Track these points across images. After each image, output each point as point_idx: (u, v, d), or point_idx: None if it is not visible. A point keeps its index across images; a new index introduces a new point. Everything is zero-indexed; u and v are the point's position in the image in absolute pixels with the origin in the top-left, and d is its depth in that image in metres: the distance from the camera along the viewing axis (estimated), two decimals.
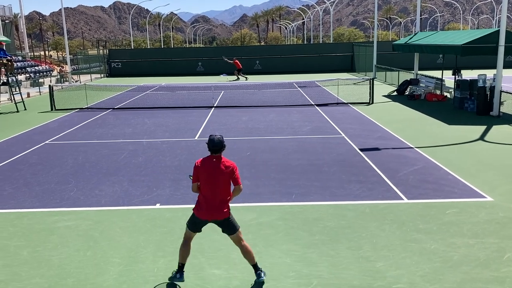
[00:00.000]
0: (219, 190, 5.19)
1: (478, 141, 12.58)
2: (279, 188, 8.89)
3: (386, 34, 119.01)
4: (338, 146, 12.30)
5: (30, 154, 12.18)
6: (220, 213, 5.24)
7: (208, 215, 5.25)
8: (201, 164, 5.27)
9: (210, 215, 5.24)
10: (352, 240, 6.57)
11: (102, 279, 5.63)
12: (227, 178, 5.22)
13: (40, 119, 18.14)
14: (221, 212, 5.24)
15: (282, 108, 19.27)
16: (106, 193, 8.83)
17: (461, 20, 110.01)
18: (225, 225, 5.34)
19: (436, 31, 24.18)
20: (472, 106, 17.17)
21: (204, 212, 5.24)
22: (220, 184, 5.18)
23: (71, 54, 47.95)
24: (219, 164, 5.21)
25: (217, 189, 5.19)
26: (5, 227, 7.29)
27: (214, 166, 5.20)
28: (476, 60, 29.36)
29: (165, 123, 16.39)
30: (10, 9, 44.71)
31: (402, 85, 23.39)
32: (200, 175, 5.24)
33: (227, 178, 5.21)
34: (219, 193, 5.20)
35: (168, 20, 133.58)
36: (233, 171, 5.25)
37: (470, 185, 8.81)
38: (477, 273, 5.57)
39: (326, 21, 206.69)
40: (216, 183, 5.17)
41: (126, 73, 41.68)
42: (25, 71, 34.47)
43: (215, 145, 5.22)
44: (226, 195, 5.27)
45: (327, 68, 40.49)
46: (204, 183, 5.22)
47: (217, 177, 5.17)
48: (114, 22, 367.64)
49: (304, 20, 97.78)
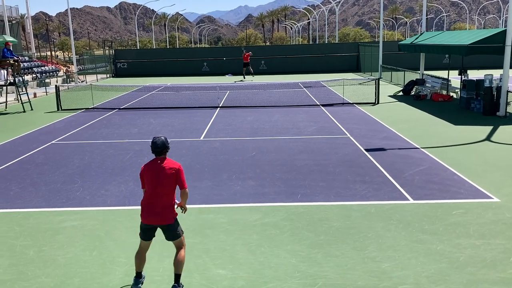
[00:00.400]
0: (162, 193, 5.02)
1: (485, 142, 12.51)
2: (284, 188, 8.88)
3: (392, 34, 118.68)
4: (344, 146, 12.28)
5: (37, 154, 12.25)
6: (163, 218, 5.06)
7: (150, 219, 5.08)
8: (146, 168, 5.12)
9: (152, 219, 5.07)
10: (357, 240, 6.56)
11: (108, 278, 5.65)
12: (172, 181, 5.05)
13: (46, 119, 18.24)
14: (164, 217, 5.06)
15: (288, 108, 19.26)
16: (112, 193, 8.86)
17: (467, 20, 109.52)
18: (167, 231, 5.16)
19: (442, 31, 24.08)
20: (479, 106, 17.08)
21: (146, 215, 5.07)
22: (163, 186, 5.01)
23: (77, 54, 48.17)
24: (164, 166, 5.06)
25: (160, 192, 5.01)
26: (11, 227, 7.33)
27: (158, 168, 5.05)
28: (482, 60, 29.19)
29: (171, 123, 16.42)
30: (17, 9, 44.98)
31: (408, 85, 23.31)
32: (145, 179, 5.09)
33: (172, 181, 5.04)
34: (162, 197, 5.02)
35: (174, 20, 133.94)
36: (178, 173, 5.07)
37: (476, 186, 8.77)
38: (484, 274, 5.54)
39: (332, 21, 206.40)
40: (160, 185, 5.00)
41: (132, 73, 41.80)
42: (31, 72, 34.66)
43: (157, 147, 5.07)
44: (170, 199, 5.08)
45: (333, 68, 40.42)
46: (147, 186, 5.06)
47: (160, 180, 5.00)
48: (120, 22, 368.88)
49: (309, 20, 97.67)
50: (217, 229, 7.06)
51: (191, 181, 9.46)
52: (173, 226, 5.14)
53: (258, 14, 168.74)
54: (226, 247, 6.42)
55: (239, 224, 7.24)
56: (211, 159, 11.26)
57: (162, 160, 5.11)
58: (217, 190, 8.88)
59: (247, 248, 6.40)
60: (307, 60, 41.46)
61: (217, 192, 8.80)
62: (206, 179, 9.62)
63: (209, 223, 7.31)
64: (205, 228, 7.12)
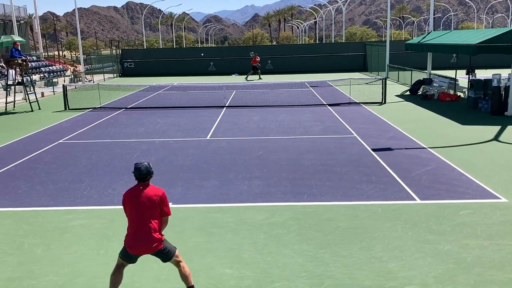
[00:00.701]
0: (146, 221, 4.76)
1: (492, 142, 12.44)
2: (291, 188, 8.88)
3: (399, 34, 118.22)
4: (350, 146, 12.25)
5: (45, 153, 12.33)
6: (151, 246, 4.80)
7: (138, 250, 4.83)
8: (128, 196, 4.85)
9: (141, 249, 4.82)
10: (364, 240, 6.54)
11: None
12: (156, 208, 4.80)
13: (54, 118, 18.35)
14: (152, 245, 4.80)
15: (294, 108, 19.25)
16: (119, 192, 8.89)
17: (475, 19, 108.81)
18: (160, 255, 4.96)
19: (450, 30, 23.95)
20: (486, 106, 16.98)
21: (134, 246, 4.81)
22: (147, 214, 4.76)
23: (85, 54, 48.41)
24: (147, 192, 4.81)
25: (145, 220, 4.75)
26: (20, 225, 7.39)
27: (142, 195, 4.79)
28: (490, 59, 29.01)
29: (177, 123, 16.47)
30: (25, 9, 45.28)
31: (415, 85, 23.21)
32: (128, 208, 4.84)
33: (155, 207, 4.80)
34: (148, 224, 4.76)
35: (180, 20, 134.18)
36: (162, 199, 4.84)
37: (484, 186, 8.72)
38: (492, 275, 5.51)
39: (338, 20, 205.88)
40: (143, 213, 4.75)
41: (138, 73, 41.95)
42: (39, 71, 34.90)
43: (141, 174, 4.80)
44: (156, 226, 4.81)
45: (339, 68, 40.33)
46: (130, 213, 4.82)
47: (144, 207, 4.75)
48: (126, 22, 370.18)
49: (316, 19, 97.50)
50: (224, 229, 7.07)
51: (198, 180, 9.50)
52: (164, 249, 4.92)
53: (265, 13, 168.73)
54: (233, 247, 6.43)
55: (246, 223, 7.25)
56: (217, 158, 11.28)
57: (145, 187, 4.85)
58: (224, 190, 8.90)
59: (254, 247, 6.40)
60: (314, 59, 41.41)
61: (223, 191, 8.82)
62: (212, 178, 9.63)
63: (215, 222, 7.33)
64: (211, 227, 7.13)
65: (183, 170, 10.35)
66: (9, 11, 39.16)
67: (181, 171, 10.23)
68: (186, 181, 9.50)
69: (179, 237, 6.77)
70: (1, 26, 40.27)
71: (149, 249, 4.82)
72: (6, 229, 7.27)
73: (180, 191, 8.89)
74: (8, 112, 20.52)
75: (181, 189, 9.00)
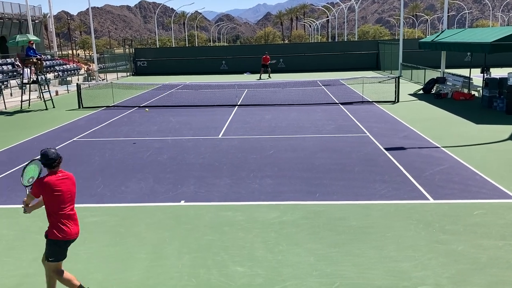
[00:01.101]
0: (73, 204, 5.06)
1: (507, 141, 12.28)
2: (302, 187, 8.87)
3: (412, 32, 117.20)
4: (363, 145, 12.19)
5: (59, 151, 12.40)
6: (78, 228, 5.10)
7: (78, 230, 5.07)
8: (55, 182, 4.93)
9: (77, 230, 5.07)
10: (376, 239, 6.51)
11: (128, 274, 5.73)
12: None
13: (68, 116, 18.54)
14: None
15: (306, 107, 19.20)
16: (132, 190, 8.97)
17: (490, 17, 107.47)
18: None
19: (464, 29, 23.70)
20: (502, 105, 16.76)
21: (75, 228, 5.02)
22: (74, 198, 5.08)
23: (98, 53, 48.78)
24: (69, 177, 5.08)
25: (73, 203, 5.06)
26: (35, 222, 7.48)
27: (68, 180, 5.04)
28: (506, 58, 28.62)
29: (190, 121, 16.54)
30: (40, 9, 45.83)
31: (428, 83, 22.99)
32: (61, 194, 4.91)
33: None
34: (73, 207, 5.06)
35: (193, 19, 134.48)
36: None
37: (498, 186, 8.62)
38: (506, 276, 5.45)
39: (351, 18, 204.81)
40: (73, 198, 5.06)
41: (151, 71, 42.19)
42: (53, 70, 35.27)
43: (58, 156, 5.11)
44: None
45: (352, 66, 40.13)
46: (64, 200, 4.92)
47: (73, 192, 5.06)
48: (139, 21, 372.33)
49: (328, 18, 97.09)
50: (236, 227, 7.10)
51: (210, 178, 9.53)
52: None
53: (277, 12, 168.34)
54: (245, 245, 6.45)
55: (258, 222, 7.26)
56: (229, 157, 11.31)
57: (64, 173, 5.09)
58: (236, 188, 8.92)
59: (265, 246, 6.41)
60: (326, 58, 41.26)
61: (235, 190, 8.84)
62: (224, 176, 9.67)
63: (227, 220, 7.35)
64: (223, 225, 7.16)
65: (195, 168, 10.39)
66: (24, 10, 39.65)
67: (193, 169, 10.28)
68: (198, 179, 9.55)
69: (191, 235, 6.82)
70: (17, 25, 40.81)
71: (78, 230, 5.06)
72: (20, 226, 7.38)
73: (192, 189, 8.94)
74: (23, 110, 20.80)
75: (193, 187, 9.05)
